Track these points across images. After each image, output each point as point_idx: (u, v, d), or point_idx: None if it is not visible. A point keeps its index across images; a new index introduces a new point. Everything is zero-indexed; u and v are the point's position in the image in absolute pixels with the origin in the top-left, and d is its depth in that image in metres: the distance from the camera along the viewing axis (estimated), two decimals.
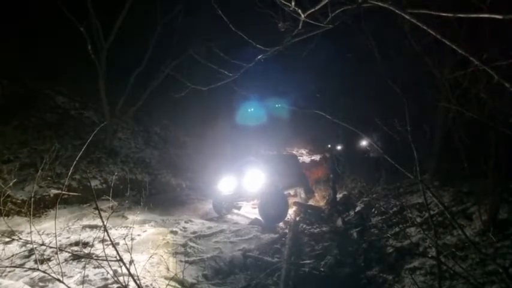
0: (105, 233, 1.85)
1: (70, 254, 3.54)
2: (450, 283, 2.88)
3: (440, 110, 5.58)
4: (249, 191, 6.31)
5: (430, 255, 3.41)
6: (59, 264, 1.94)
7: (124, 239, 4.15)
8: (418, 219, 4.43)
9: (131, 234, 4.29)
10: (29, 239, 2.14)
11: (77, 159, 2.16)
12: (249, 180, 6.31)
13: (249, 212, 7.10)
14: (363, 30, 6.09)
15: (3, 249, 3.51)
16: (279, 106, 13.47)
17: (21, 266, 3.28)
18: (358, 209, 6.20)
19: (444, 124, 5.39)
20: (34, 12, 7.96)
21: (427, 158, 5.73)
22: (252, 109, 13.89)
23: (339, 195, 7.55)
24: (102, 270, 3.17)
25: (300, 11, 1.50)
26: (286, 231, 5.38)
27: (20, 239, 2.21)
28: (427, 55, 4.62)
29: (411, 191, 5.80)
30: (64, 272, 3.17)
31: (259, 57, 2.15)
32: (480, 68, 3.24)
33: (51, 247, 2.66)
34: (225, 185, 6.51)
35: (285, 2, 1.61)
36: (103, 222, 1.84)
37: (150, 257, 3.55)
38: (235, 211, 6.98)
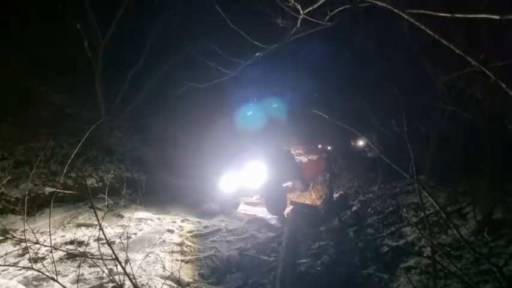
0: (101, 231, 1.83)
1: (65, 253, 3.50)
2: (445, 282, 2.91)
3: (436, 111, 5.62)
4: (252, 187, 6.52)
5: (425, 255, 3.43)
6: (53, 263, 1.91)
7: (120, 237, 4.12)
8: (414, 219, 4.45)
9: (127, 233, 4.27)
10: (23, 237, 2.11)
11: (72, 157, 2.14)
12: (251, 176, 6.47)
13: (252, 210, 7.16)
14: (361, 30, 6.10)
15: None
16: (275, 106, 13.47)
17: (15, 264, 3.25)
18: (354, 208, 6.22)
19: (440, 125, 5.43)
20: (31, 10, 7.86)
21: (423, 158, 5.76)
22: (251, 112, 13.81)
23: (335, 195, 7.58)
24: (98, 269, 3.15)
25: (299, 6, 1.50)
26: (283, 230, 5.38)
27: (14, 237, 2.18)
28: (424, 56, 4.65)
29: (407, 190, 5.83)
30: (59, 271, 3.14)
31: (257, 54, 2.15)
32: (476, 69, 3.27)
33: (45, 246, 2.63)
34: (228, 183, 6.55)
35: None
36: (98, 220, 1.82)
37: (146, 255, 3.53)
38: (240, 208, 7.07)
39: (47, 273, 1.75)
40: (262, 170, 6.46)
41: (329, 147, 11.27)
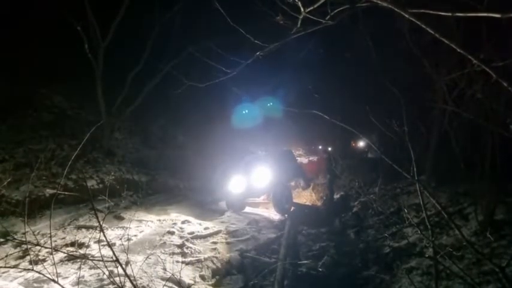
0: (101, 233, 1.82)
1: (65, 255, 3.50)
2: (447, 283, 2.90)
3: (437, 111, 5.61)
4: (258, 187, 6.69)
5: (427, 255, 3.42)
6: (54, 264, 1.91)
7: (120, 239, 4.11)
8: (415, 220, 4.44)
9: (128, 235, 4.26)
10: (23, 239, 2.11)
11: (72, 158, 2.14)
12: (258, 177, 6.65)
13: (255, 210, 7.21)
14: (361, 30, 6.11)
15: None
16: (270, 105, 13.48)
17: (15, 266, 3.24)
18: (355, 209, 6.21)
19: (441, 125, 5.42)
20: (32, 11, 7.88)
21: (424, 158, 5.75)
22: (247, 111, 13.82)
23: (336, 196, 7.57)
24: (98, 271, 3.14)
25: (300, 4, 1.50)
26: (284, 231, 5.37)
27: (15, 239, 2.18)
28: (424, 56, 4.65)
29: (408, 191, 5.82)
30: (59, 273, 3.14)
31: (257, 53, 2.15)
32: (477, 70, 3.27)
33: (46, 247, 2.62)
34: (235, 184, 6.65)
35: None
36: (99, 222, 1.81)
37: (147, 257, 3.52)
38: (248, 208, 7.16)
39: (48, 275, 1.74)
40: (268, 172, 6.67)
41: (329, 148, 11.30)
